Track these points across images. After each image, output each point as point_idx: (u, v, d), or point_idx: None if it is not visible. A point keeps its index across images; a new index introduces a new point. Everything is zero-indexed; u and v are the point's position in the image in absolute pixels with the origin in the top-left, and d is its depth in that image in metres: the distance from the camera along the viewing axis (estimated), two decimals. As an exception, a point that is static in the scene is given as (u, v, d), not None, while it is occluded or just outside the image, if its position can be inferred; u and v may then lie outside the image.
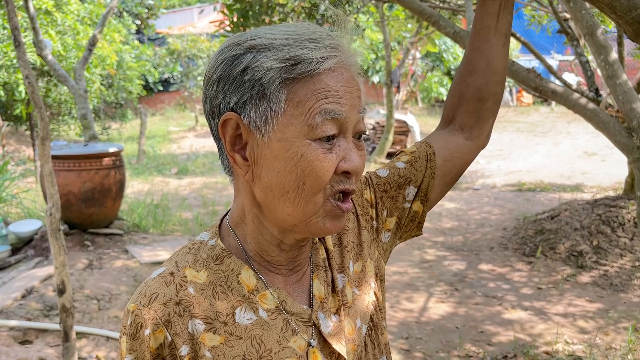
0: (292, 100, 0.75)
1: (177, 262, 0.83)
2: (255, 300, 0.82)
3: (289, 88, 0.75)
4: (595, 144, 11.23)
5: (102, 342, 3.73)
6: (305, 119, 0.75)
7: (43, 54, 5.65)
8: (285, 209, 0.78)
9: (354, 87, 0.78)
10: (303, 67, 0.74)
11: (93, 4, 11.99)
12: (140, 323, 0.76)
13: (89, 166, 5.37)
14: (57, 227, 3.06)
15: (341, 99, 0.76)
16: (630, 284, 4.62)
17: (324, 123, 0.75)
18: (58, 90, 11.57)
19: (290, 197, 0.77)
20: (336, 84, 0.76)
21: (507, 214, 6.98)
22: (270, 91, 0.75)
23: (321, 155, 0.75)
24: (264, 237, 0.83)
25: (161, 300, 0.78)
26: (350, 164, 0.77)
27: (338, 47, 0.78)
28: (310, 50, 0.75)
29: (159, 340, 0.76)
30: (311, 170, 0.75)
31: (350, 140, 0.78)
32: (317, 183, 0.76)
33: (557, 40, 14.09)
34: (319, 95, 0.75)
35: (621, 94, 2.29)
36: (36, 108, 3.00)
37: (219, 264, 0.83)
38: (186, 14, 23.91)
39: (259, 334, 0.80)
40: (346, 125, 0.77)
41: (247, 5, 4.51)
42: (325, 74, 0.75)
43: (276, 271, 0.85)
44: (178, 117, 18.39)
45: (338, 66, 0.77)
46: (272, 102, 0.75)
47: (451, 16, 6.17)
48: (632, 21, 1.00)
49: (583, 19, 2.45)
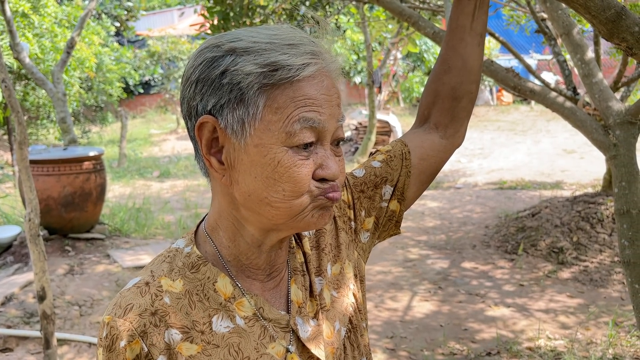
0: (271, 107, 0.74)
1: (152, 271, 0.82)
2: (232, 308, 0.81)
3: (268, 94, 0.74)
4: (574, 142, 11.39)
5: (84, 348, 3.68)
6: (283, 126, 0.74)
7: (20, 57, 5.57)
8: (268, 212, 0.77)
9: (334, 95, 0.78)
10: (283, 73, 0.73)
11: (71, 6, 11.83)
12: (116, 335, 0.75)
13: (69, 170, 5.30)
14: (37, 233, 3.02)
15: (320, 107, 0.75)
16: (609, 279, 4.69)
17: (302, 131, 0.74)
18: (36, 93, 11.40)
19: (271, 202, 0.76)
20: (316, 92, 0.75)
21: (489, 212, 7.05)
22: (248, 96, 0.74)
23: (298, 162, 0.75)
24: (244, 239, 0.82)
25: (136, 311, 0.77)
26: (327, 171, 0.77)
27: (319, 53, 0.77)
28: (291, 56, 0.74)
29: (135, 352, 0.76)
30: (289, 177, 0.75)
31: (328, 147, 0.78)
32: (297, 188, 0.75)
33: (535, 40, 14.28)
34: (298, 103, 0.74)
35: (597, 92, 2.33)
36: (13, 112, 2.95)
37: (195, 272, 0.82)
38: (166, 16, 23.72)
39: (237, 341, 0.79)
40: (324, 133, 0.77)
41: (228, 7, 4.49)
42: (305, 81, 0.75)
43: (253, 277, 0.84)
44: (159, 119, 18.24)
45: (318, 73, 0.76)
46: (250, 107, 0.74)
47: (431, 17, 6.21)
48: (606, 21, 1.02)
49: (559, 18, 2.48)
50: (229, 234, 0.83)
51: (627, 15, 1.00)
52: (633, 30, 1.01)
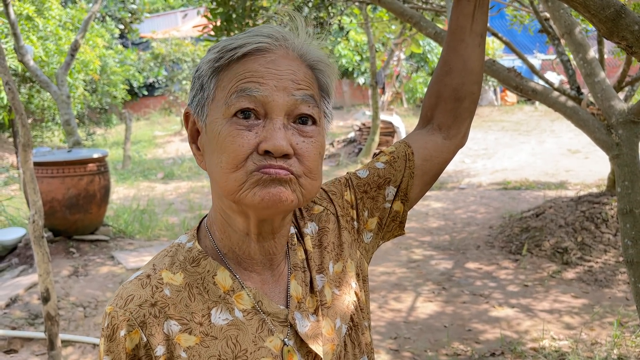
0: (220, 87, 0.80)
1: (154, 264, 0.84)
2: (231, 301, 0.82)
3: (219, 76, 0.80)
4: (579, 142, 11.36)
5: (88, 349, 3.69)
6: (224, 99, 0.79)
7: (24, 59, 5.60)
8: (218, 188, 0.80)
9: (286, 70, 0.79)
10: (228, 54, 0.79)
11: (75, 9, 11.89)
12: (117, 325, 0.78)
13: (73, 172, 5.32)
14: (41, 235, 3.03)
15: (261, 78, 0.78)
16: (614, 279, 4.68)
17: (238, 99, 0.77)
18: (41, 96, 11.44)
19: (218, 176, 0.79)
20: (259, 66, 0.78)
21: (493, 213, 7.03)
22: (205, 82, 0.81)
23: (234, 132, 0.77)
24: (232, 229, 0.84)
25: (137, 301, 0.79)
26: (268, 142, 0.75)
27: (273, 35, 0.80)
28: (239, 39, 0.80)
29: (134, 341, 0.78)
30: (225, 147, 0.77)
31: (279, 121, 0.77)
32: (233, 159, 0.76)
33: (539, 40, 14.25)
34: (238, 77, 0.78)
35: (599, 91, 2.32)
36: (17, 115, 2.97)
37: (196, 266, 0.84)
38: (170, 18, 23.79)
39: (235, 334, 0.81)
40: (270, 105, 0.77)
41: (230, 9, 4.50)
42: (249, 59, 0.79)
43: (251, 269, 0.85)
44: (163, 121, 18.28)
45: (266, 51, 0.79)
46: (205, 90, 0.81)
47: (434, 17, 6.21)
48: (606, 19, 1.02)
49: (561, 18, 2.48)
50: (220, 226, 0.86)
51: (627, 13, 1.00)
52: (633, 28, 1.01)
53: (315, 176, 0.80)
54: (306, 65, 0.82)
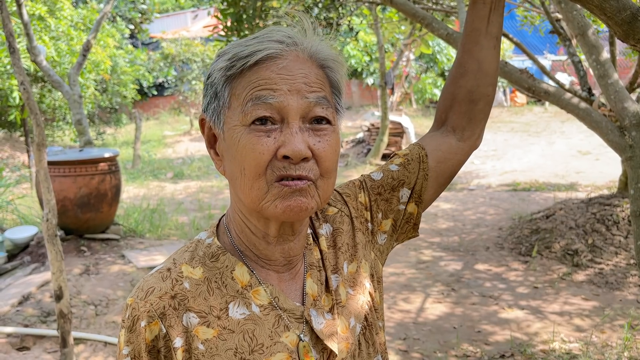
0: (234, 95, 0.81)
1: (174, 259, 0.86)
2: (249, 296, 0.84)
3: (232, 84, 0.81)
4: (589, 143, 11.28)
5: (99, 347, 3.72)
6: (241, 108, 0.80)
7: (37, 60, 5.65)
8: (240, 195, 0.82)
9: (298, 74, 0.80)
10: (239, 63, 0.80)
11: (86, 9, 11.97)
12: (137, 316, 0.80)
13: (85, 171, 5.36)
14: (54, 233, 3.06)
15: (275, 85, 0.79)
16: (625, 282, 4.64)
17: (254, 107, 0.78)
18: (52, 96, 11.54)
19: (239, 184, 0.80)
20: (271, 72, 0.79)
21: (502, 214, 7.00)
22: (219, 89, 0.82)
23: (254, 139, 0.78)
24: (250, 230, 0.86)
25: (157, 293, 0.81)
26: (287, 147, 0.77)
27: (284, 41, 0.81)
28: (249, 46, 0.80)
29: (154, 332, 0.79)
30: (246, 155, 0.78)
31: (296, 125, 0.79)
32: (254, 167, 0.78)
33: (549, 41, 14.17)
34: (252, 85, 0.79)
35: (613, 93, 2.32)
36: (31, 114, 3.00)
37: (215, 261, 0.85)
38: (180, 18, 23.90)
39: (252, 328, 0.82)
40: (286, 109, 0.78)
41: (241, 9, 4.52)
42: (261, 66, 0.80)
43: (268, 267, 0.87)
44: (173, 121, 18.36)
45: (277, 56, 0.80)
46: (220, 99, 0.82)
47: (444, 18, 6.20)
48: (622, 22, 1.02)
49: (574, 19, 2.47)
50: (237, 226, 0.87)
51: (643, 16, 1.00)
52: (649, 31, 1.01)
53: (330, 175, 0.82)
54: (317, 65, 0.83)
